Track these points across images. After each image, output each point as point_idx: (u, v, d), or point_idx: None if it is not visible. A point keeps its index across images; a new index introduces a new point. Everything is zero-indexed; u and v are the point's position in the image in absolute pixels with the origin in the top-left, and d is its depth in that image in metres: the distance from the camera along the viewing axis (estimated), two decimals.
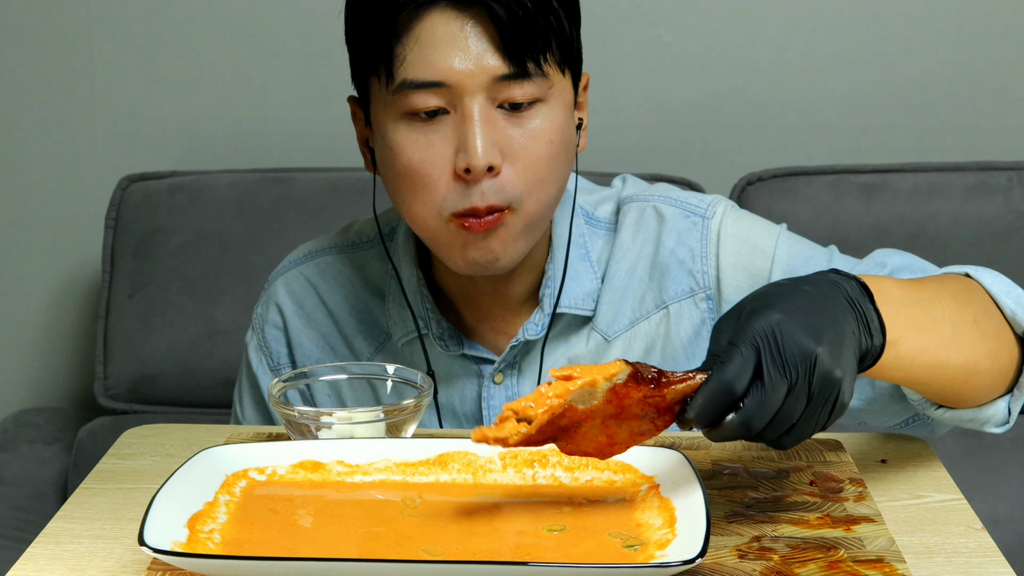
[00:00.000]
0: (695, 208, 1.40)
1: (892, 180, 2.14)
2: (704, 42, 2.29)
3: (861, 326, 1.04)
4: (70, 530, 1.06)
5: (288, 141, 2.33)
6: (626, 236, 1.40)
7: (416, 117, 1.25)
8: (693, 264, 1.38)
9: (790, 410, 0.98)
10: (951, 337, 1.13)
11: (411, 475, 1.08)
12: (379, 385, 1.22)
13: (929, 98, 2.29)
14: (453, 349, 1.38)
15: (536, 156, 1.25)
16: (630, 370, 0.97)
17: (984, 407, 1.21)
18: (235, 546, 0.97)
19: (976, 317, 1.17)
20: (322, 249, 1.47)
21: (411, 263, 1.39)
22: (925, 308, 1.12)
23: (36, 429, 2.30)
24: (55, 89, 2.34)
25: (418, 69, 1.23)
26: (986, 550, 1.02)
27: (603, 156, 2.22)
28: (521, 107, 1.24)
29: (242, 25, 2.30)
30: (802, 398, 0.98)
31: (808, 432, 1.00)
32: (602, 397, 0.97)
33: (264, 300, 1.48)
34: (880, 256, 1.36)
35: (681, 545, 0.94)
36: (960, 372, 1.15)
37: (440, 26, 1.23)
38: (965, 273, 1.24)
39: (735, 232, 1.38)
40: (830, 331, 1.00)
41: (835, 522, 1.05)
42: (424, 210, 1.26)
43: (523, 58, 1.23)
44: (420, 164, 1.25)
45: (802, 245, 1.39)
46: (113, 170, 2.31)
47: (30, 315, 2.43)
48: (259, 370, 1.47)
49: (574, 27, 1.28)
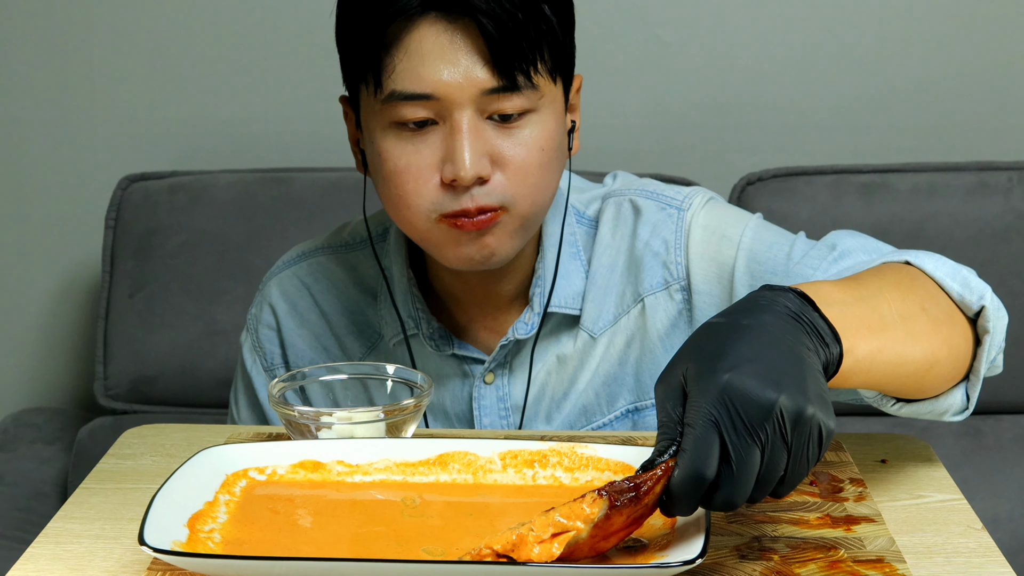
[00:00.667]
0: (671, 200, 1.39)
1: (892, 180, 2.14)
2: (704, 42, 2.29)
3: (814, 339, 0.97)
4: (70, 530, 1.06)
5: (288, 141, 2.33)
6: (605, 232, 1.40)
7: (404, 127, 1.24)
8: (667, 256, 1.37)
9: (772, 469, 0.92)
10: (904, 331, 1.07)
11: (411, 475, 1.08)
12: (377, 385, 1.22)
13: (929, 98, 2.29)
14: (444, 349, 1.39)
15: (527, 164, 1.25)
16: (606, 502, 0.93)
17: (941, 397, 1.15)
18: (235, 546, 0.97)
19: (924, 305, 1.11)
20: (315, 250, 1.47)
21: (402, 263, 1.40)
22: (870, 305, 1.05)
23: (36, 429, 2.30)
24: (55, 89, 2.34)
25: (407, 81, 1.23)
26: (986, 550, 1.02)
27: (602, 156, 2.22)
28: (511, 118, 1.24)
29: (242, 25, 2.30)
30: (781, 453, 0.92)
31: (800, 476, 0.94)
32: (587, 535, 0.93)
33: (258, 301, 1.48)
34: (832, 238, 1.32)
35: (681, 545, 0.94)
36: (920, 365, 1.09)
37: (430, 38, 1.22)
38: (905, 261, 1.18)
39: (705, 223, 1.37)
40: (786, 367, 0.92)
41: (835, 522, 1.05)
42: (412, 214, 1.26)
43: (512, 71, 1.22)
44: (407, 170, 1.25)
45: (769, 232, 1.36)
46: (113, 170, 2.31)
47: (30, 315, 2.43)
48: (253, 371, 1.47)
49: (567, 33, 1.28)
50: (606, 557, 0.95)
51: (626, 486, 0.93)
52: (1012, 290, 2.08)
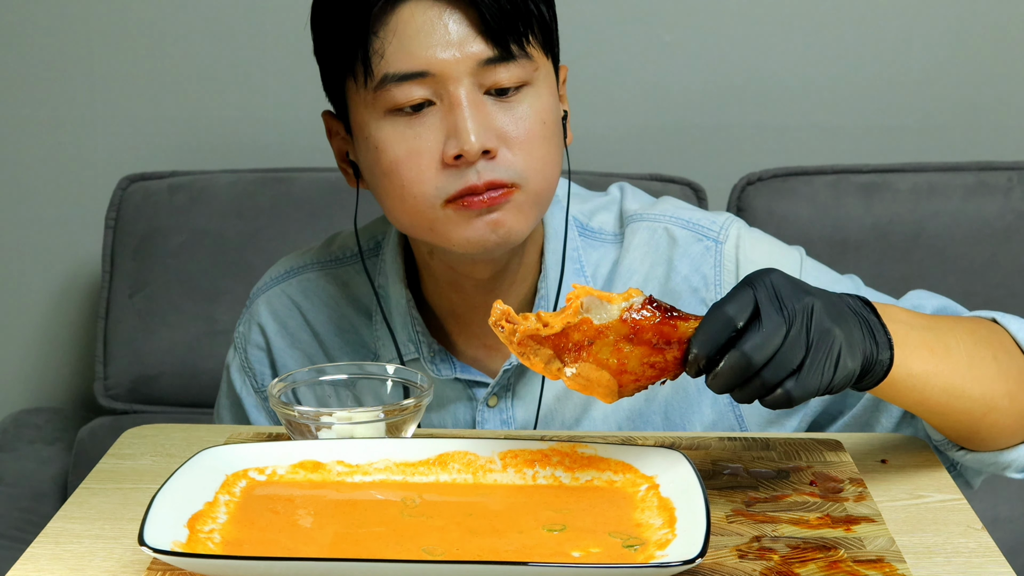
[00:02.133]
0: (707, 231, 1.36)
1: (892, 180, 2.14)
2: (704, 42, 2.29)
3: (864, 329, 1.03)
4: (70, 530, 1.06)
5: (288, 141, 2.33)
6: (635, 257, 1.36)
7: (401, 112, 1.21)
8: (707, 292, 1.34)
9: (790, 352, 0.99)
10: (966, 367, 1.12)
11: (411, 475, 1.08)
12: (377, 385, 1.21)
13: (929, 98, 2.29)
14: (445, 373, 1.34)
15: (532, 137, 1.22)
16: (645, 297, 1.00)
17: (1005, 451, 1.19)
18: (235, 546, 0.97)
19: (996, 355, 1.15)
20: (304, 266, 1.42)
21: (399, 282, 1.35)
22: (938, 335, 1.11)
23: (36, 429, 2.30)
24: (55, 89, 2.34)
25: (399, 61, 1.20)
26: (986, 550, 1.02)
27: (602, 156, 2.22)
28: (508, 92, 1.21)
29: (242, 25, 2.30)
30: (801, 342, 0.99)
31: (814, 383, 1.00)
32: (617, 315, 0.99)
33: (246, 319, 1.43)
34: (916, 298, 1.34)
35: (681, 545, 0.94)
36: (976, 405, 1.13)
37: (418, 15, 1.19)
38: (992, 319, 1.23)
39: (755, 258, 1.34)
40: (827, 299, 1.01)
41: (835, 522, 1.05)
42: (416, 202, 1.21)
43: (507, 40, 1.20)
44: (408, 157, 1.21)
45: (826, 276, 1.36)
46: (113, 170, 2.31)
47: (30, 315, 2.43)
48: (243, 392, 1.43)
49: (551, 9, 1.25)
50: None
51: (666, 303, 1.01)
52: (1012, 290, 2.08)
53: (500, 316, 1.01)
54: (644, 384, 1.03)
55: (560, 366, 1.01)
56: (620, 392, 1.03)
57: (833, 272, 1.37)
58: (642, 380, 1.02)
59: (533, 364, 1.01)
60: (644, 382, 1.02)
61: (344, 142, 1.31)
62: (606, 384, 1.02)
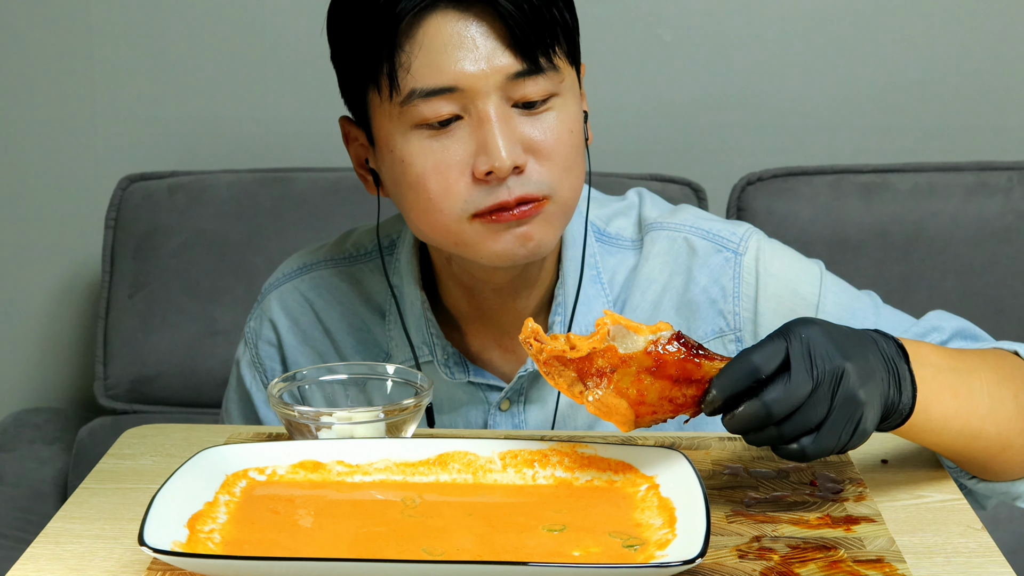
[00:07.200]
0: (727, 242, 1.35)
1: (892, 180, 2.14)
2: (704, 42, 2.29)
3: (892, 379, 1.04)
4: (70, 530, 1.06)
5: (288, 141, 2.33)
6: (654, 266, 1.34)
7: (428, 127, 1.19)
8: (725, 304, 1.34)
9: (811, 411, 0.99)
10: (987, 408, 1.12)
11: (411, 475, 1.08)
12: (377, 385, 1.21)
13: (929, 98, 2.29)
14: (459, 376, 1.33)
15: (560, 148, 1.20)
16: (674, 332, 1.01)
17: (1017, 482, 1.20)
18: (235, 546, 0.97)
19: (1016, 394, 1.16)
20: (318, 262, 1.40)
21: (414, 283, 1.34)
22: (963, 377, 1.12)
23: (36, 429, 2.30)
24: (55, 89, 2.34)
25: (426, 77, 1.18)
26: (986, 550, 1.02)
27: (603, 156, 2.21)
28: (535, 105, 1.20)
29: (242, 25, 2.30)
30: (824, 403, 0.99)
31: (830, 444, 1.00)
32: (643, 346, 1.00)
33: (257, 315, 1.42)
34: (936, 319, 1.33)
35: (681, 545, 0.94)
36: (992, 444, 1.14)
37: (444, 29, 1.17)
38: (1015, 351, 1.23)
39: (774, 271, 1.34)
40: (861, 361, 1.01)
41: (835, 522, 1.05)
42: (443, 217, 1.20)
43: (535, 53, 1.18)
44: (435, 171, 1.19)
45: (846, 294, 1.35)
46: (113, 170, 2.31)
47: (30, 315, 2.43)
48: (252, 387, 1.42)
49: (574, 14, 1.24)
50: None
51: (694, 340, 1.02)
52: (1012, 290, 2.09)
53: (530, 334, 1.03)
54: (662, 417, 1.03)
55: (583, 389, 1.02)
56: (637, 423, 1.03)
57: (852, 288, 1.37)
58: (660, 413, 1.03)
59: (557, 384, 1.03)
60: (662, 415, 1.03)
61: (363, 149, 1.29)
62: (623, 413, 1.03)
